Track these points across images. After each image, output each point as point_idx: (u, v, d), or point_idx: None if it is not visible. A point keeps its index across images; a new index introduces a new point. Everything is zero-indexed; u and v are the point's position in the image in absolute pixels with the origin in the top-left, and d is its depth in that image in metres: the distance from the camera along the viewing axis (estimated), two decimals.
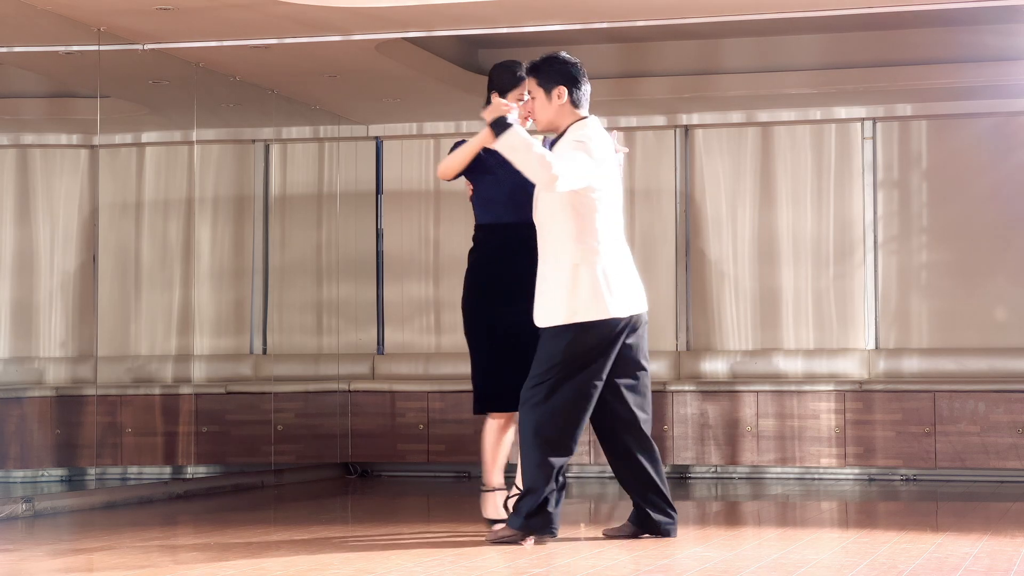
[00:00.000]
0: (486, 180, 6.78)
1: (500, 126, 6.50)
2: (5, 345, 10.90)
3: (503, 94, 6.80)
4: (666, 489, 6.81)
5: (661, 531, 6.80)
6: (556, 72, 6.70)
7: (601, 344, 6.58)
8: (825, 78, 10.60)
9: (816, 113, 11.34)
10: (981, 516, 7.98)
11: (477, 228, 6.88)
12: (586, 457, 10.94)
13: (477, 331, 6.83)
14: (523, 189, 6.68)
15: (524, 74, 6.80)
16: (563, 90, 6.70)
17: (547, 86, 6.70)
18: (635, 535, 6.81)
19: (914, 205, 11.23)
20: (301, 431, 11.18)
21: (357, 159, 11.99)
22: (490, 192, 6.79)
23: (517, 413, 6.73)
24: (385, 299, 11.99)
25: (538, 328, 6.61)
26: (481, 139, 6.63)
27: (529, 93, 6.74)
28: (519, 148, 6.46)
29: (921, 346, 11.08)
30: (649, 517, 6.79)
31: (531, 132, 6.77)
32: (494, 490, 6.93)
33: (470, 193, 6.86)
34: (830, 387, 10.72)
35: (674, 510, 6.84)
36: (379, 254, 12.05)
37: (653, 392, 10.89)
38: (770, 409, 10.74)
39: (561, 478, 6.63)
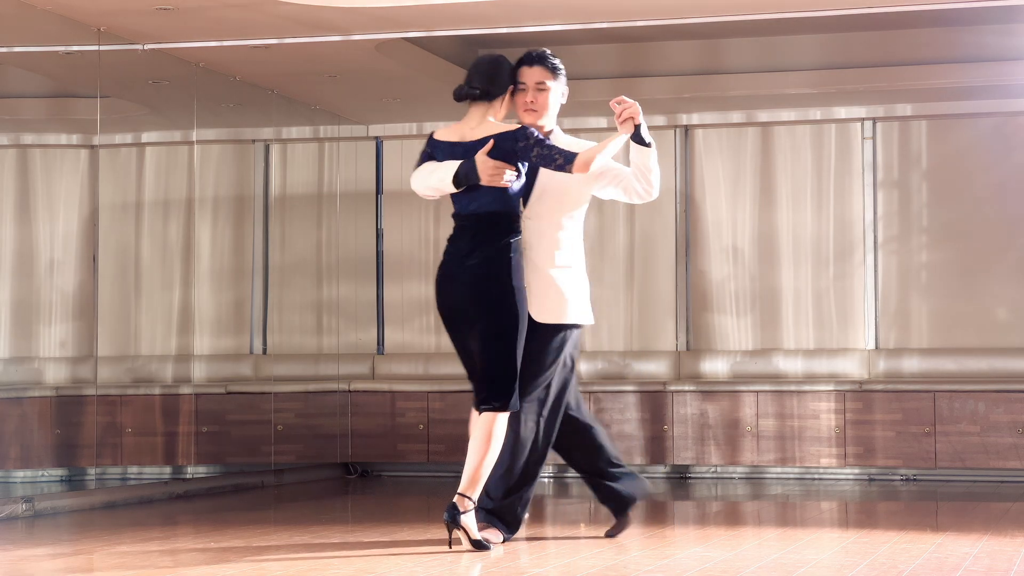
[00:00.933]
0: (523, 173, 6.50)
1: (645, 135, 6.37)
2: (5, 345, 10.90)
3: (514, 92, 6.51)
4: (615, 449, 6.80)
5: (639, 493, 6.78)
6: (563, 71, 6.60)
7: None
8: (825, 78, 10.60)
9: (816, 113, 11.34)
10: (981, 516, 7.98)
11: (516, 217, 6.41)
12: None
13: (523, 321, 6.44)
14: None
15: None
16: (566, 91, 6.66)
17: (559, 81, 6.56)
18: (627, 517, 6.78)
19: (914, 205, 11.23)
20: (301, 431, 11.18)
21: (357, 159, 11.99)
22: (520, 187, 6.51)
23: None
24: (385, 299, 11.98)
25: (549, 326, 6.49)
26: (621, 142, 6.36)
27: (539, 85, 6.50)
28: (656, 159, 6.49)
29: (921, 346, 11.08)
30: (617, 492, 6.75)
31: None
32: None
33: (507, 182, 6.36)
34: (830, 387, 10.72)
35: (628, 467, 6.81)
36: (379, 254, 12.05)
37: (653, 392, 11.00)
38: (770, 409, 10.74)
39: None
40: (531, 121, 6.53)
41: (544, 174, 6.50)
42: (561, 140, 6.57)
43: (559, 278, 6.51)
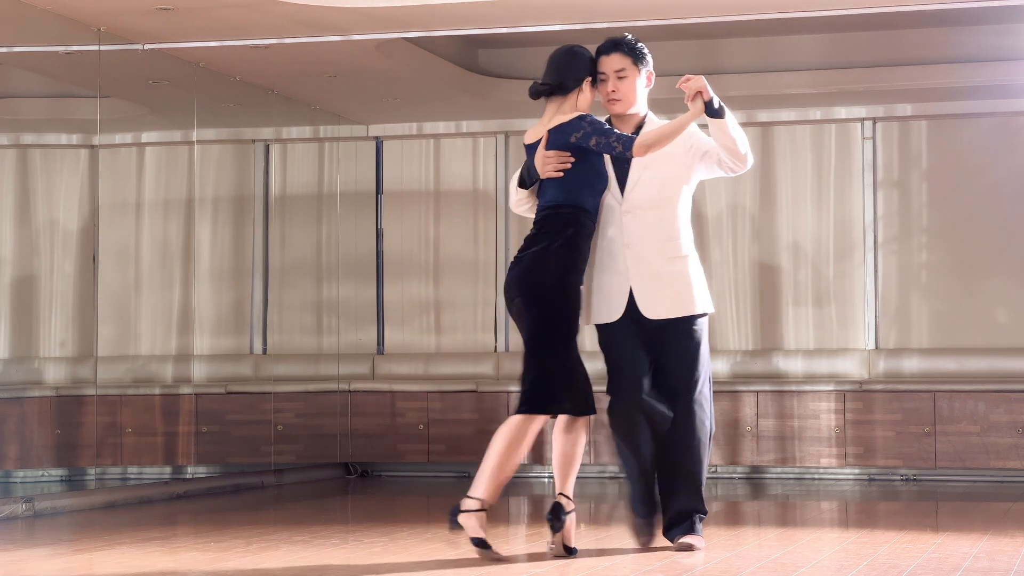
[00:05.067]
0: (591, 164, 6.22)
1: (715, 105, 6.12)
2: (5, 345, 10.91)
3: (595, 80, 6.26)
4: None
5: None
6: (646, 54, 6.36)
7: None
8: (825, 78, 10.60)
9: (816, 113, 11.34)
10: (981, 516, 7.98)
11: (583, 211, 6.17)
12: (585, 457, 10.93)
13: (577, 321, 6.19)
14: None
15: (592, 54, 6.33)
16: (652, 74, 6.42)
17: (641, 67, 6.32)
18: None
19: (914, 205, 11.23)
20: (301, 431, 11.18)
21: (357, 159, 11.99)
22: (595, 175, 6.25)
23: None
24: (385, 299, 11.98)
25: (673, 319, 6.23)
26: (688, 119, 6.13)
27: (618, 72, 6.28)
28: (737, 125, 6.22)
29: (921, 346, 11.08)
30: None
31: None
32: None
33: (558, 171, 6.14)
34: (830, 387, 10.72)
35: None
36: (379, 254, 12.05)
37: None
38: (770, 409, 10.74)
39: None
40: (617, 111, 6.34)
41: (637, 165, 6.27)
42: (655, 127, 6.31)
43: (671, 269, 6.27)
